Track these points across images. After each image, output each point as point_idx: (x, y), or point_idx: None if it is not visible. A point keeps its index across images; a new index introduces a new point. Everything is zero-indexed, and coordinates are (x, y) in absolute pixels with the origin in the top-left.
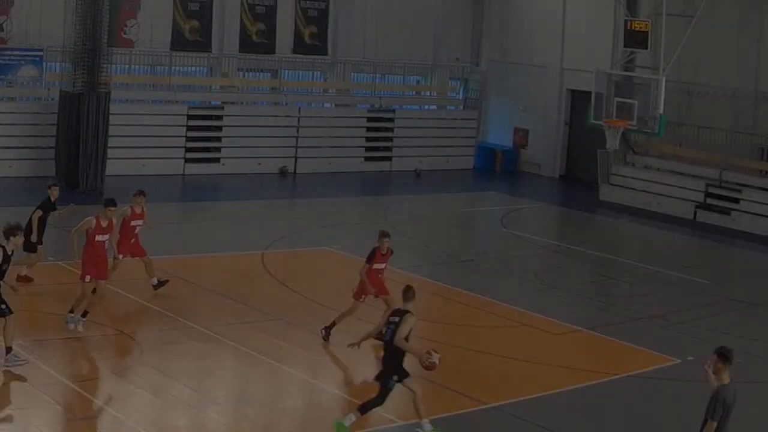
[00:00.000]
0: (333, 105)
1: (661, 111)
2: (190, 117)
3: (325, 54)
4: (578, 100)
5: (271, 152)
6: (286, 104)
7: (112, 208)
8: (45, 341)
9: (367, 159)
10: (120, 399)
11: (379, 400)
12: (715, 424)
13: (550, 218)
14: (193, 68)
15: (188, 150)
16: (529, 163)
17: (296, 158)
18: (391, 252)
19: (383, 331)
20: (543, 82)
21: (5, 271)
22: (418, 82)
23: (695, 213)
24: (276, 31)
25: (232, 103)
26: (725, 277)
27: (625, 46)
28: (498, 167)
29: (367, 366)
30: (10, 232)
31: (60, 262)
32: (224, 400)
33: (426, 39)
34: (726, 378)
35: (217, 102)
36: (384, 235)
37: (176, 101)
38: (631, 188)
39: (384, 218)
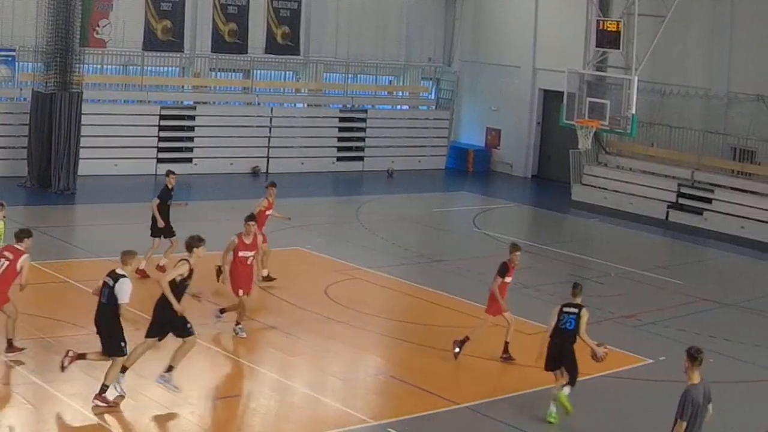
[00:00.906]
0: (305, 105)
1: (633, 111)
2: (162, 117)
3: (298, 54)
4: (550, 100)
5: (243, 152)
6: (259, 104)
7: (251, 223)
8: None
9: (339, 159)
10: (91, 398)
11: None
12: (684, 424)
13: (522, 218)
14: (166, 68)
15: (160, 150)
16: (502, 163)
17: (268, 158)
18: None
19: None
20: (515, 82)
21: (187, 286)
22: (390, 82)
23: (667, 213)
24: (248, 31)
25: (205, 103)
26: (697, 277)
27: (597, 46)
28: (470, 167)
29: (338, 366)
30: (193, 243)
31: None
32: (197, 400)
33: (398, 39)
34: (696, 378)
35: (189, 102)
36: (516, 248)
37: (148, 101)
38: (603, 188)
39: (356, 218)
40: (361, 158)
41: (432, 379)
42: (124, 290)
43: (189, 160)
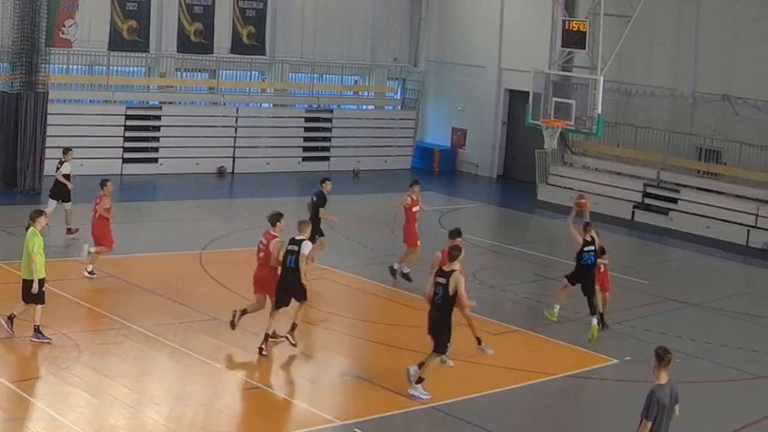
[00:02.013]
0: (271, 105)
1: (599, 111)
2: (128, 117)
3: (263, 54)
4: (516, 100)
5: (209, 152)
6: (224, 104)
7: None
8: None
9: (305, 159)
10: (58, 399)
11: None
12: (649, 424)
13: (487, 218)
14: (131, 68)
15: (126, 150)
16: (467, 163)
17: (234, 158)
18: None
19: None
20: (481, 82)
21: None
22: (356, 82)
23: (633, 213)
24: (214, 31)
25: (170, 103)
26: (663, 276)
27: (562, 46)
28: (436, 167)
29: (305, 366)
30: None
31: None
32: (162, 400)
33: (364, 39)
34: (663, 378)
35: (155, 102)
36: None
37: (114, 101)
38: (569, 188)
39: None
40: (326, 158)
41: (398, 379)
42: (306, 247)
43: (155, 160)
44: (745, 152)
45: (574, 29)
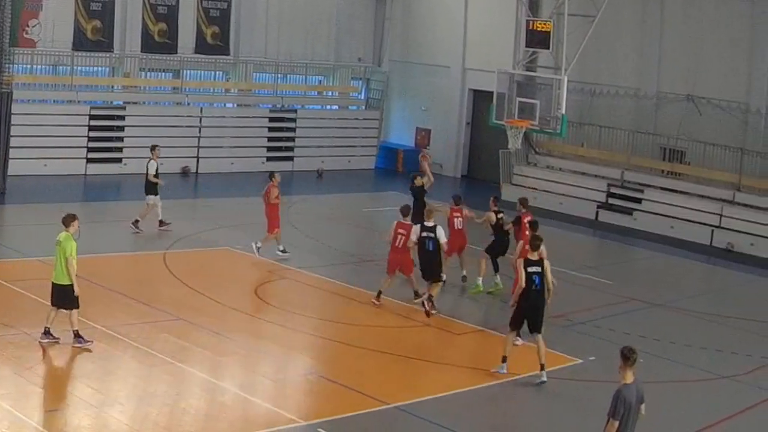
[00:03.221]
0: (235, 105)
1: (563, 111)
2: (92, 117)
3: (227, 54)
4: (480, 100)
5: (173, 152)
6: (188, 104)
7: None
8: None
9: (269, 159)
10: (21, 399)
11: None
12: (617, 424)
13: None
14: (95, 68)
15: (90, 150)
16: (432, 163)
17: (198, 158)
18: None
19: None
20: (445, 82)
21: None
22: (320, 82)
23: (597, 213)
24: (178, 31)
25: (134, 103)
26: (627, 276)
27: (526, 46)
28: (400, 167)
29: (268, 366)
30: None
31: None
32: (126, 400)
33: (328, 39)
34: (629, 377)
35: (119, 102)
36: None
37: (78, 101)
38: (533, 188)
39: (286, 218)
40: (290, 158)
41: (362, 378)
42: (442, 233)
43: (119, 160)
44: (709, 152)
45: (538, 29)
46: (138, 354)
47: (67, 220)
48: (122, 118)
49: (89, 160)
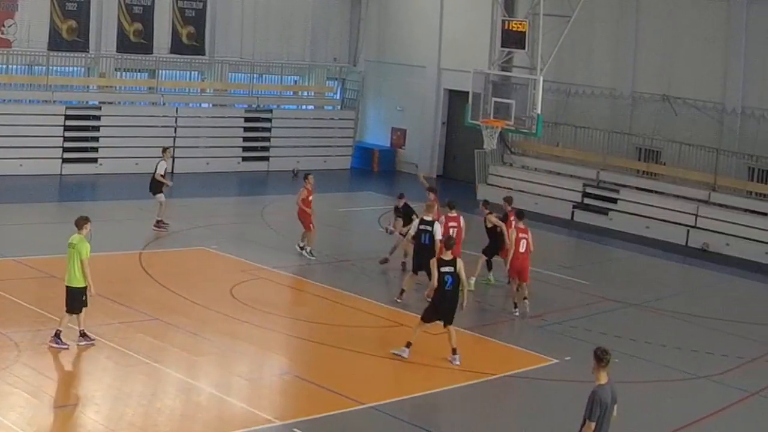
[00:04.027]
0: (211, 105)
1: (538, 111)
2: (67, 117)
3: (203, 54)
4: (456, 100)
5: (148, 152)
6: (164, 104)
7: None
8: None
9: (244, 159)
10: None
11: None
12: (593, 425)
13: None
14: (71, 68)
15: (66, 150)
16: (407, 162)
17: (174, 158)
18: None
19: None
20: (420, 82)
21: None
22: (295, 82)
23: (573, 213)
24: (153, 31)
25: (110, 103)
26: (603, 277)
27: (502, 46)
28: (376, 167)
29: (244, 366)
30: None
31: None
32: (102, 399)
33: (303, 39)
34: (603, 378)
35: (94, 102)
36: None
37: (54, 101)
38: (509, 188)
39: (261, 218)
40: (266, 158)
41: (337, 378)
42: (438, 229)
43: (94, 160)
44: (685, 152)
45: (514, 29)
46: (114, 354)
47: (80, 223)
48: (98, 118)
49: (65, 160)
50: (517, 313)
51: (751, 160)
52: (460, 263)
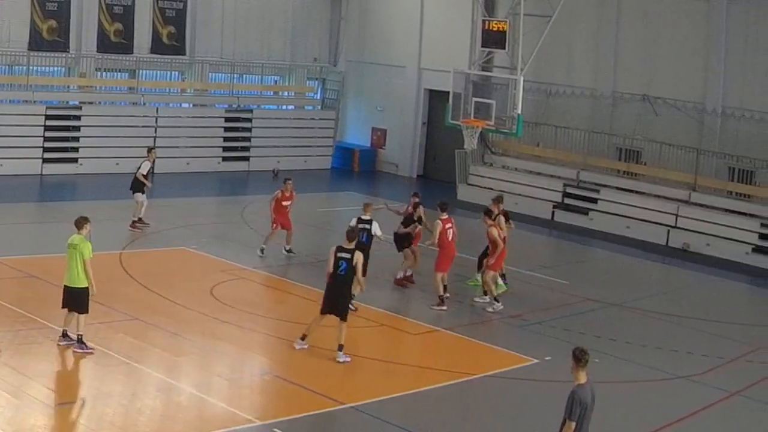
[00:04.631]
0: (191, 105)
1: (519, 111)
2: (48, 117)
3: (183, 54)
4: (436, 100)
5: (129, 152)
6: (144, 104)
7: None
8: None
9: (225, 159)
10: None
11: None
12: (573, 424)
13: None
14: (51, 68)
15: (46, 150)
16: (387, 162)
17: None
18: None
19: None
20: (401, 82)
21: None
22: (276, 82)
23: (553, 213)
24: (134, 31)
25: (90, 103)
26: (583, 276)
27: (482, 46)
28: (356, 167)
29: (224, 366)
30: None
31: None
32: (82, 400)
33: (284, 39)
34: (582, 378)
35: (75, 102)
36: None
37: (34, 101)
38: (489, 188)
39: (241, 218)
40: (246, 158)
41: (318, 378)
42: (377, 227)
43: (74, 160)
44: (665, 152)
45: (494, 29)
46: (94, 354)
47: (80, 223)
48: (78, 118)
49: (45, 160)
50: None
51: (731, 160)
52: (357, 255)
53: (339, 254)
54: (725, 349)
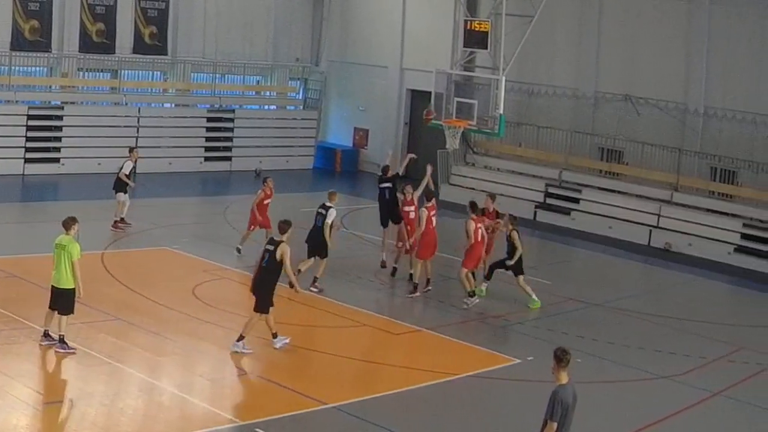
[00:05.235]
0: (173, 105)
1: (501, 111)
2: (30, 117)
3: (165, 54)
4: (418, 100)
5: (111, 152)
6: (126, 104)
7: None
8: None
9: (207, 159)
10: None
11: None
12: (555, 425)
13: None
14: (33, 68)
15: (28, 150)
16: (369, 162)
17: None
18: None
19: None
20: (383, 82)
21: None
22: (258, 82)
23: (535, 213)
24: (116, 31)
25: (72, 103)
26: (565, 276)
27: (464, 46)
28: (338, 167)
29: (206, 366)
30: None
31: None
32: (64, 400)
33: (266, 39)
34: (564, 378)
35: (57, 102)
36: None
37: (16, 101)
38: (471, 188)
39: (224, 218)
40: (228, 158)
41: (300, 379)
42: (332, 214)
43: (57, 160)
44: (647, 152)
45: (476, 29)
46: (76, 354)
47: (68, 223)
48: (60, 118)
49: (27, 160)
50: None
51: (713, 160)
52: (282, 248)
53: (266, 246)
54: (708, 349)
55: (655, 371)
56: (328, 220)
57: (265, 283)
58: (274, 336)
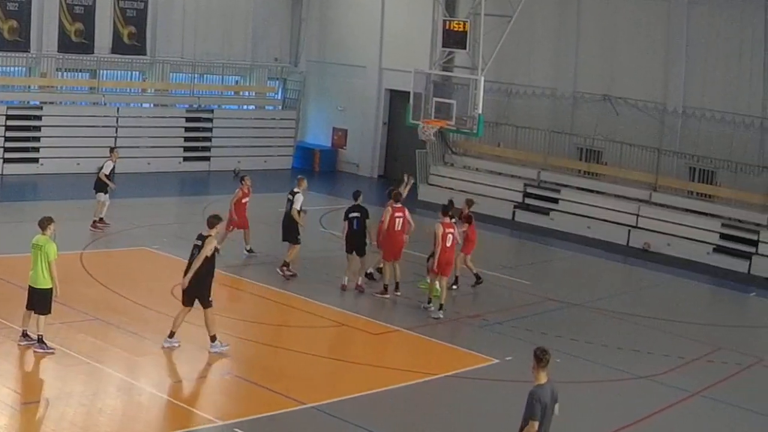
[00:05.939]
0: (152, 105)
1: (479, 111)
2: (8, 117)
3: (144, 54)
4: (397, 100)
5: (89, 152)
6: (105, 104)
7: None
8: None
9: (186, 159)
10: None
11: None
12: (536, 424)
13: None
14: (12, 68)
15: (6, 150)
16: (348, 162)
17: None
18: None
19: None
20: (362, 82)
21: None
22: (236, 82)
23: (514, 213)
24: (95, 31)
25: (51, 103)
26: (544, 276)
27: (443, 46)
28: (317, 167)
29: (185, 365)
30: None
31: None
32: (43, 400)
33: (245, 39)
34: (542, 378)
35: (35, 102)
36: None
37: None
38: (450, 188)
39: (202, 218)
40: (207, 158)
41: (279, 379)
42: (299, 199)
43: (35, 160)
44: (626, 152)
45: (455, 29)
46: (55, 354)
47: (44, 223)
48: (39, 118)
49: (6, 160)
50: (432, 308)
51: (692, 160)
52: (209, 242)
53: (195, 242)
54: (686, 349)
55: (633, 371)
56: (296, 206)
57: (201, 279)
58: (213, 339)
